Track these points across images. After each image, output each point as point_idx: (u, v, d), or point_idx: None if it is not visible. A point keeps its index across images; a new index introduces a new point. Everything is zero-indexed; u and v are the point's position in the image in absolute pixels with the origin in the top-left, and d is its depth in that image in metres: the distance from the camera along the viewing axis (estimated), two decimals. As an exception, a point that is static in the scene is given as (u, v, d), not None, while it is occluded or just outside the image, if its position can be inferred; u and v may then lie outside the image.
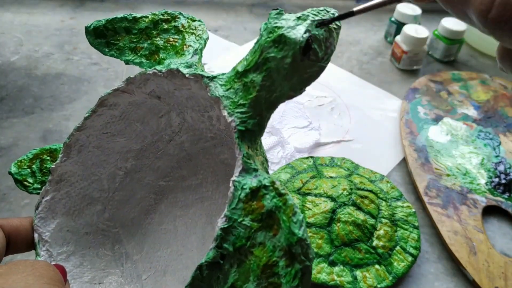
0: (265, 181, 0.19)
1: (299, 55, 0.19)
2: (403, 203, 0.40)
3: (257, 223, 0.18)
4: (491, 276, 0.36)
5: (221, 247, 0.18)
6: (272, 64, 0.20)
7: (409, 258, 0.36)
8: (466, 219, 0.40)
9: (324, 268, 0.34)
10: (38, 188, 0.26)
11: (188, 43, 0.26)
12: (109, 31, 0.27)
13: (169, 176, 0.30)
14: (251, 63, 0.21)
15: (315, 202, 0.38)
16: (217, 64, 0.59)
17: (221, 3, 0.74)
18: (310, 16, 0.20)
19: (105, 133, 0.27)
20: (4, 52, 0.59)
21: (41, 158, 0.27)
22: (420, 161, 0.46)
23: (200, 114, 0.26)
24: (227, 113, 0.20)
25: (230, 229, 0.18)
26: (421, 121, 0.51)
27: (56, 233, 0.25)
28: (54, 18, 0.66)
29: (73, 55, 0.59)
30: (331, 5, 0.77)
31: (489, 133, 0.50)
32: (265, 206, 0.18)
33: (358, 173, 0.43)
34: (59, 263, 0.24)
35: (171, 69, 0.23)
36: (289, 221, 0.17)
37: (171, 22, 0.27)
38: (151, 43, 0.26)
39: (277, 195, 0.18)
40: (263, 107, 0.21)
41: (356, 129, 0.51)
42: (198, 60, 0.24)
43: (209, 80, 0.22)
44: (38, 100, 0.51)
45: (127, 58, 0.26)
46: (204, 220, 0.28)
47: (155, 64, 0.26)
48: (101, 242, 0.27)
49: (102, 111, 0.26)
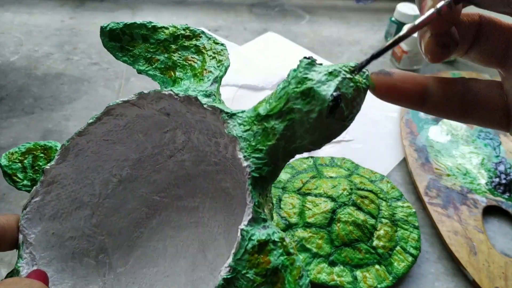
0: (274, 236, 0.18)
1: (325, 112, 0.19)
2: (403, 203, 0.40)
3: (260, 278, 0.18)
4: (492, 276, 0.36)
5: None
6: (296, 115, 0.19)
7: (409, 258, 0.36)
8: (467, 219, 0.40)
9: (324, 268, 0.34)
10: (28, 185, 0.25)
11: (209, 68, 0.25)
12: (125, 35, 0.26)
13: (164, 192, 0.29)
14: (275, 110, 0.20)
15: (315, 202, 0.38)
16: (217, 64, 0.59)
17: (221, 3, 0.74)
18: (342, 72, 0.19)
19: (106, 140, 0.26)
20: (4, 52, 0.59)
21: (34, 154, 0.26)
22: (420, 161, 0.46)
23: (207, 138, 0.25)
24: (243, 156, 0.20)
25: (233, 280, 0.18)
26: (421, 121, 0.51)
27: (41, 236, 0.24)
28: (54, 18, 0.66)
29: (73, 55, 0.59)
30: (331, 5, 0.77)
31: (490, 133, 0.50)
32: (271, 262, 0.18)
33: (358, 173, 0.43)
34: (41, 268, 0.23)
35: (189, 95, 0.23)
36: (294, 283, 0.17)
37: (192, 40, 0.26)
38: (168, 57, 0.25)
39: (285, 253, 0.18)
40: (279, 156, 0.20)
41: (356, 129, 0.51)
42: (217, 89, 0.24)
43: (228, 117, 0.21)
44: (38, 100, 0.51)
45: (140, 67, 0.26)
46: (196, 247, 0.27)
47: (169, 81, 0.25)
48: (85, 248, 0.26)
49: (107, 120, 0.25)
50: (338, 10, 0.76)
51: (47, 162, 0.26)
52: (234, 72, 0.57)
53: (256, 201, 0.19)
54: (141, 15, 0.67)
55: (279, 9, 0.75)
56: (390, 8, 0.77)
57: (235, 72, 0.57)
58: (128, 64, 0.26)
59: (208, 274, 0.26)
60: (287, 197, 0.39)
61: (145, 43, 0.26)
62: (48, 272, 0.23)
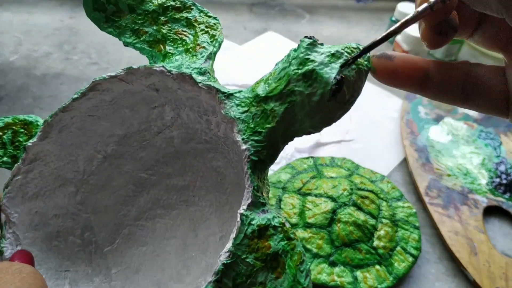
0: (274, 221, 0.18)
1: (327, 95, 0.18)
2: (404, 203, 0.40)
3: (260, 263, 0.18)
4: (492, 276, 0.36)
5: (220, 281, 0.17)
6: (297, 98, 0.19)
7: (410, 258, 0.36)
8: (467, 220, 0.40)
9: (324, 268, 0.34)
10: (8, 162, 0.24)
11: (202, 43, 0.23)
12: (110, 4, 0.24)
13: (152, 170, 0.28)
14: (275, 91, 0.19)
15: (315, 202, 0.37)
16: (217, 63, 0.59)
17: (221, 3, 0.74)
18: (344, 54, 0.19)
19: (91, 115, 0.25)
20: (3, 51, 0.58)
21: (13, 129, 0.24)
22: (421, 161, 0.46)
23: (198, 115, 0.25)
24: (241, 139, 0.19)
25: (233, 264, 0.17)
26: (422, 121, 0.51)
27: (24, 215, 0.23)
28: (53, 17, 0.66)
29: (72, 54, 0.59)
30: (331, 4, 0.77)
31: (490, 133, 0.50)
32: (271, 247, 0.18)
33: (359, 173, 0.43)
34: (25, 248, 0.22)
35: (182, 72, 0.22)
36: (295, 269, 0.17)
37: (182, 12, 0.24)
38: (157, 30, 0.24)
39: (285, 239, 0.18)
40: (279, 139, 0.20)
41: (356, 129, 0.51)
42: (211, 66, 0.23)
43: (224, 97, 0.20)
44: (37, 100, 0.51)
45: (127, 40, 0.24)
46: (186, 226, 0.27)
47: (159, 55, 0.24)
48: (70, 226, 0.25)
49: (93, 95, 0.24)
50: (338, 9, 0.76)
51: (27, 138, 0.24)
52: (234, 72, 0.57)
53: (255, 185, 0.19)
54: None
55: (279, 8, 0.74)
56: (390, 8, 0.77)
57: (235, 72, 0.57)
58: (114, 36, 0.25)
59: (199, 253, 0.26)
60: (287, 197, 0.39)
61: (131, 14, 0.24)
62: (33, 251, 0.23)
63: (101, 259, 0.26)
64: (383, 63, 0.19)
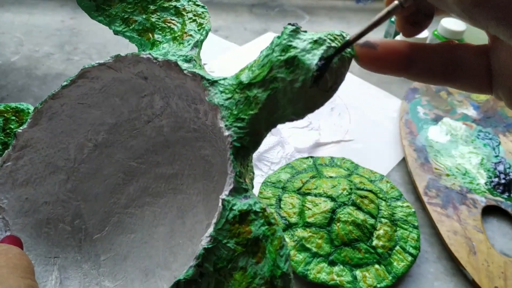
0: (256, 206, 0.18)
1: (309, 82, 0.18)
2: (403, 203, 0.41)
3: (241, 247, 0.18)
4: (491, 276, 0.36)
5: (201, 265, 0.17)
6: (279, 84, 0.19)
7: (409, 258, 0.36)
8: (466, 219, 0.40)
9: (324, 267, 0.35)
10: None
11: (189, 32, 0.24)
12: None
13: (142, 158, 0.28)
14: (258, 78, 0.19)
15: (315, 202, 0.38)
16: (217, 64, 0.59)
17: (221, 3, 0.74)
18: (327, 41, 0.18)
19: (81, 103, 0.26)
20: (5, 52, 0.59)
21: (5, 117, 0.25)
22: (419, 161, 0.46)
23: (187, 104, 0.25)
24: (224, 125, 0.19)
25: (214, 249, 0.18)
26: (420, 121, 0.51)
27: (14, 201, 0.23)
28: (54, 18, 0.67)
29: (73, 55, 0.59)
30: (331, 5, 0.77)
31: (489, 133, 0.51)
32: (252, 232, 0.18)
33: (358, 173, 0.43)
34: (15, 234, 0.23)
35: (168, 59, 0.22)
36: (275, 253, 0.17)
37: (171, 1, 0.25)
38: (147, 18, 0.24)
39: (266, 223, 0.18)
40: (262, 126, 0.20)
41: (356, 129, 0.51)
42: (198, 54, 0.23)
43: (209, 84, 0.21)
44: (38, 100, 0.51)
45: (117, 28, 0.25)
46: (174, 214, 0.27)
47: (147, 43, 0.24)
48: (61, 213, 0.26)
49: (83, 82, 0.24)
50: (338, 10, 0.76)
51: (19, 125, 0.25)
52: (234, 72, 0.57)
53: (237, 171, 0.19)
54: (141, 16, 0.68)
55: (279, 9, 0.75)
56: (390, 9, 0.77)
57: (235, 72, 0.57)
58: (104, 24, 0.25)
59: (186, 240, 0.26)
60: (287, 197, 0.39)
61: (121, 2, 0.25)
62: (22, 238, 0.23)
63: (91, 246, 0.26)
64: (366, 52, 0.19)
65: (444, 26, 0.60)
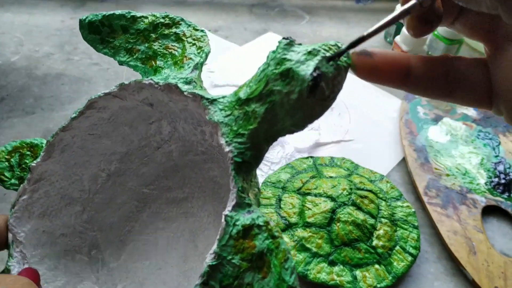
0: (259, 220, 0.18)
1: (305, 92, 0.18)
2: (403, 203, 0.41)
3: (246, 263, 0.17)
4: (491, 276, 0.36)
5: (207, 283, 0.17)
6: (276, 97, 0.19)
7: (409, 258, 0.36)
8: (466, 219, 0.40)
9: (324, 267, 0.35)
10: (16, 184, 0.25)
11: (189, 55, 0.24)
12: (104, 27, 0.26)
13: (153, 185, 0.29)
14: (255, 93, 0.20)
15: (315, 202, 0.38)
16: (217, 64, 0.59)
17: (221, 3, 0.74)
18: (321, 51, 0.18)
19: (91, 134, 0.26)
20: (5, 52, 0.59)
21: (20, 152, 0.26)
22: (419, 161, 0.46)
23: (193, 127, 0.26)
24: (225, 141, 0.19)
25: (219, 266, 0.17)
26: (420, 121, 0.51)
27: (31, 234, 0.24)
28: (54, 18, 0.67)
29: (73, 55, 0.59)
30: (331, 5, 0.77)
31: (489, 133, 0.51)
32: (256, 246, 0.18)
33: (358, 173, 0.43)
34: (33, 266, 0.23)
35: (169, 83, 0.23)
36: (280, 266, 0.17)
37: (171, 28, 0.26)
38: (149, 47, 0.25)
39: (270, 237, 0.18)
40: (261, 140, 0.20)
41: (356, 129, 0.51)
42: (198, 76, 0.23)
43: (208, 103, 0.21)
44: (38, 100, 0.51)
45: (121, 59, 0.26)
46: (186, 237, 0.27)
47: (150, 71, 0.25)
48: (78, 245, 0.26)
49: (91, 113, 0.25)
50: (338, 10, 0.76)
51: (33, 159, 0.25)
52: (234, 72, 0.58)
53: (239, 186, 0.19)
54: (141, 16, 0.68)
55: (279, 9, 0.75)
56: (390, 9, 0.77)
57: (235, 72, 0.58)
58: (109, 56, 0.26)
59: (199, 264, 0.26)
60: (287, 197, 0.39)
61: (125, 33, 0.26)
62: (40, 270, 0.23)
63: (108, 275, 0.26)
64: (363, 60, 0.19)
65: (444, 26, 0.60)
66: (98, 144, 0.27)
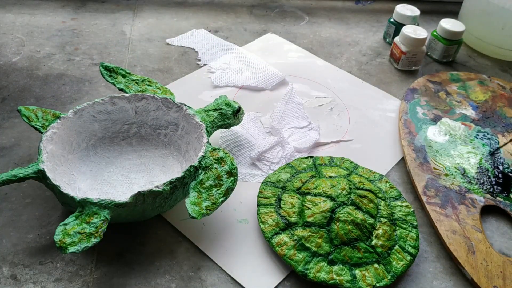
0: (217, 147, 0.39)
1: (233, 112, 0.44)
2: (402, 202, 0.41)
3: (215, 160, 0.37)
4: (490, 275, 0.36)
5: (200, 162, 0.37)
6: (223, 111, 0.44)
7: (408, 257, 0.36)
8: (465, 219, 0.41)
9: (323, 267, 0.35)
10: (39, 125, 0.39)
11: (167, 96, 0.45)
12: (113, 71, 0.46)
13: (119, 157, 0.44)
14: (212, 108, 0.44)
15: (314, 202, 0.38)
16: (217, 65, 0.59)
17: (221, 4, 0.74)
18: (237, 103, 0.45)
19: (94, 117, 0.42)
20: (6, 52, 0.59)
21: (44, 111, 0.40)
22: (418, 161, 0.46)
23: (152, 130, 0.45)
24: (200, 121, 0.41)
25: (204, 159, 0.37)
26: (419, 121, 0.51)
27: (53, 149, 0.38)
28: (55, 19, 0.67)
29: (74, 55, 0.59)
30: (330, 6, 0.77)
31: (488, 133, 0.51)
32: (219, 155, 0.38)
33: (357, 173, 0.43)
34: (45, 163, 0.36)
35: (165, 97, 0.44)
36: (230, 161, 0.37)
37: (151, 85, 0.47)
38: (139, 87, 0.46)
39: (223, 152, 0.38)
40: (215, 125, 0.43)
41: (355, 129, 0.51)
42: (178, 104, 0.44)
43: (193, 111, 0.43)
44: (39, 100, 0.52)
45: (121, 87, 0.45)
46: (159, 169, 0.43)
47: None
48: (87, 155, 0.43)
49: (104, 101, 0.43)
50: (337, 11, 0.77)
51: (53, 118, 0.40)
52: (234, 73, 0.58)
53: (208, 137, 0.40)
54: (142, 16, 0.68)
55: (279, 10, 0.75)
56: (389, 9, 0.77)
57: (235, 73, 0.58)
58: (114, 85, 0.44)
59: (177, 163, 0.44)
60: (287, 196, 0.40)
61: (124, 78, 0.46)
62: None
63: (120, 167, 0.43)
64: None
65: (443, 27, 0.61)
66: (91, 125, 0.42)
